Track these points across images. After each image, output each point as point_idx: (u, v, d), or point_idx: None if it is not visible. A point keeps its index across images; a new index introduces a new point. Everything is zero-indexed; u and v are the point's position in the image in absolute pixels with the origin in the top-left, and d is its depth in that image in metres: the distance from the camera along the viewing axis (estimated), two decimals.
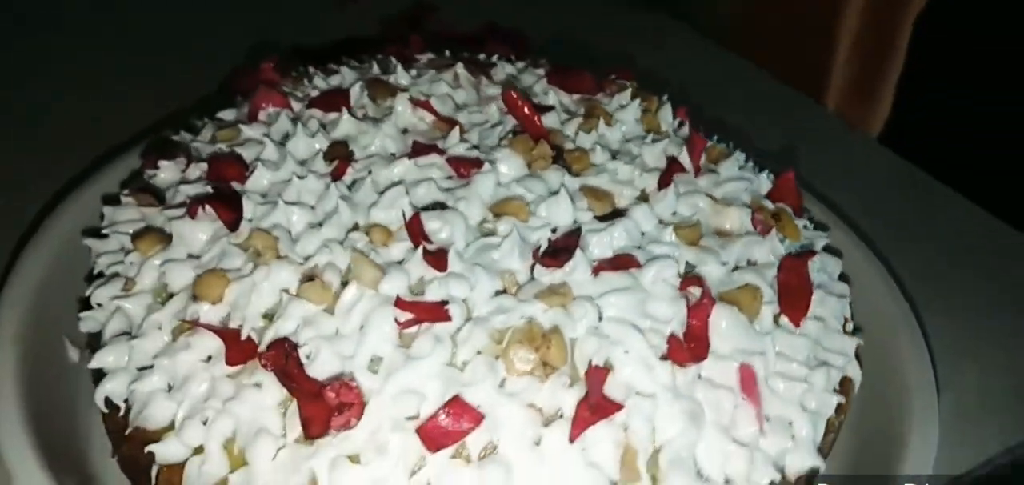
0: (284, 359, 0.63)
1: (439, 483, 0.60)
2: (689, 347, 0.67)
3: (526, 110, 0.86)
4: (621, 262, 0.72)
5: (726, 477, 0.65)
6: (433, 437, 0.60)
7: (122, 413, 0.69)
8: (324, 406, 0.62)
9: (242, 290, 0.68)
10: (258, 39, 1.43)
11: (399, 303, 0.65)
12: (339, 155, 0.80)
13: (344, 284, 0.68)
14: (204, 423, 0.64)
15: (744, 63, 1.61)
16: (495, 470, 0.60)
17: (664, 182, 0.80)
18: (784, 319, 0.74)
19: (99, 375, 0.70)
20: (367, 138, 0.83)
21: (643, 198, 0.80)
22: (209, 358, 0.67)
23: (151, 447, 0.64)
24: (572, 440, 0.61)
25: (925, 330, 0.86)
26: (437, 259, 0.69)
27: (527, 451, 0.61)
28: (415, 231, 0.71)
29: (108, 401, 0.69)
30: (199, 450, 0.64)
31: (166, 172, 0.83)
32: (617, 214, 0.77)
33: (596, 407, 0.63)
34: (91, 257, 0.80)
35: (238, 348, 0.65)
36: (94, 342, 0.75)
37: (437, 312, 0.66)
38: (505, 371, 0.64)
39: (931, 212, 1.26)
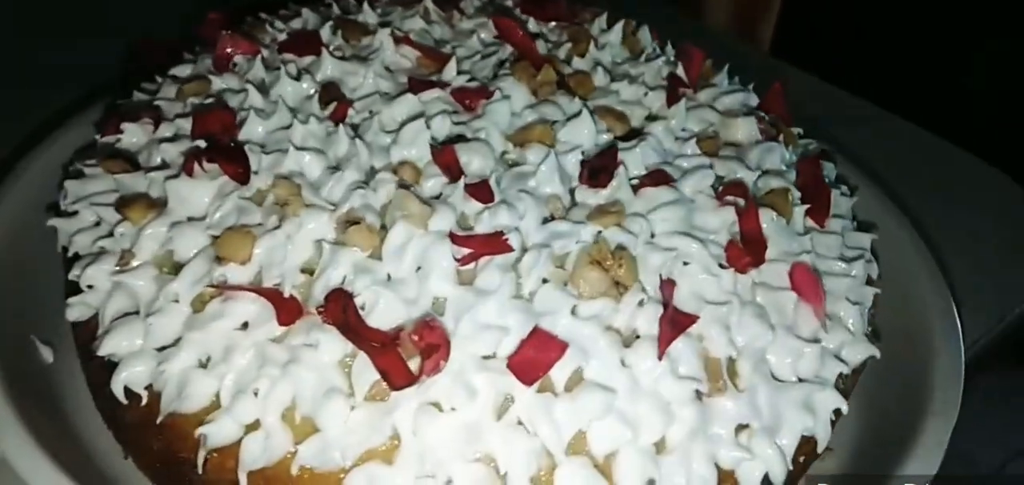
0: (343, 312, 0.57)
1: (535, 418, 0.56)
2: (748, 252, 0.66)
3: (521, 35, 0.82)
4: (659, 177, 0.70)
5: (798, 376, 0.64)
6: (526, 370, 0.56)
7: (144, 401, 0.60)
8: (396, 355, 0.56)
9: (274, 245, 0.61)
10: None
11: (456, 239, 0.61)
12: (334, 97, 0.74)
13: (382, 227, 0.63)
14: (255, 395, 0.57)
15: None
16: (594, 397, 0.57)
17: (672, 99, 0.79)
18: (808, 220, 0.74)
19: (106, 365, 0.62)
20: (355, 79, 0.77)
21: (652, 117, 0.78)
22: (245, 324, 0.60)
23: (202, 429, 0.57)
24: (661, 357, 0.59)
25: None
26: (480, 190, 0.65)
27: (618, 373, 0.58)
28: (451, 164, 0.66)
29: (127, 392, 0.60)
30: (253, 426, 0.57)
31: (132, 134, 0.74)
32: (634, 134, 0.75)
33: (675, 321, 0.61)
34: (61, 239, 0.70)
35: (286, 308, 0.59)
36: (84, 332, 0.65)
37: (498, 244, 0.61)
38: (578, 296, 0.60)
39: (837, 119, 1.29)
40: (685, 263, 0.64)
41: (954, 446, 0.67)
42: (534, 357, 0.57)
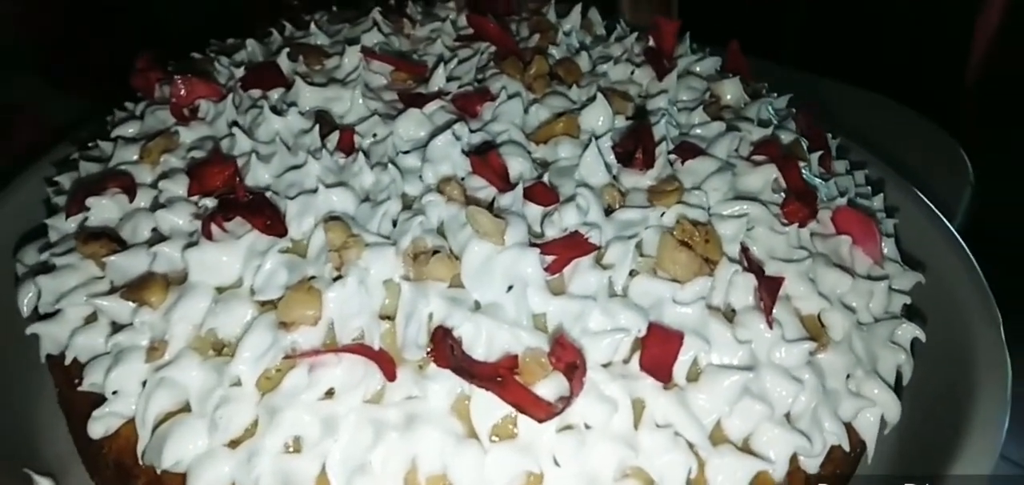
0: (451, 352, 0.51)
1: (673, 417, 0.53)
2: (804, 204, 0.65)
3: (499, 31, 0.77)
4: (692, 149, 0.68)
5: (874, 316, 0.64)
6: (659, 368, 0.53)
7: None
8: (520, 387, 0.51)
9: (346, 296, 0.53)
10: None
11: (544, 248, 0.56)
12: (332, 127, 0.67)
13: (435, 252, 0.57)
14: (369, 467, 0.50)
15: None
16: (728, 380, 0.54)
17: (662, 72, 0.77)
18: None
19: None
20: (341, 104, 0.70)
21: (646, 93, 0.77)
22: (330, 392, 0.52)
23: None
24: (770, 326, 0.57)
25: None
26: (541, 192, 0.60)
27: (738, 352, 0.56)
28: (500, 171, 0.61)
29: None
30: None
31: (103, 210, 0.63)
32: (640, 112, 0.73)
33: (769, 288, 0.59)
34: (48, 347, 0.59)
35: (385, 361, 0.52)
36: (107, 449, 0.55)
37: (582, 245, 0.57)
38: (671, 280, 0.57)
39: None
40: (750, 228, 0.63)
41: None
42: (660, 353, 0.54)
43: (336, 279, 0.54)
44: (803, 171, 0.69)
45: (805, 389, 0.56)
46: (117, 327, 0.56)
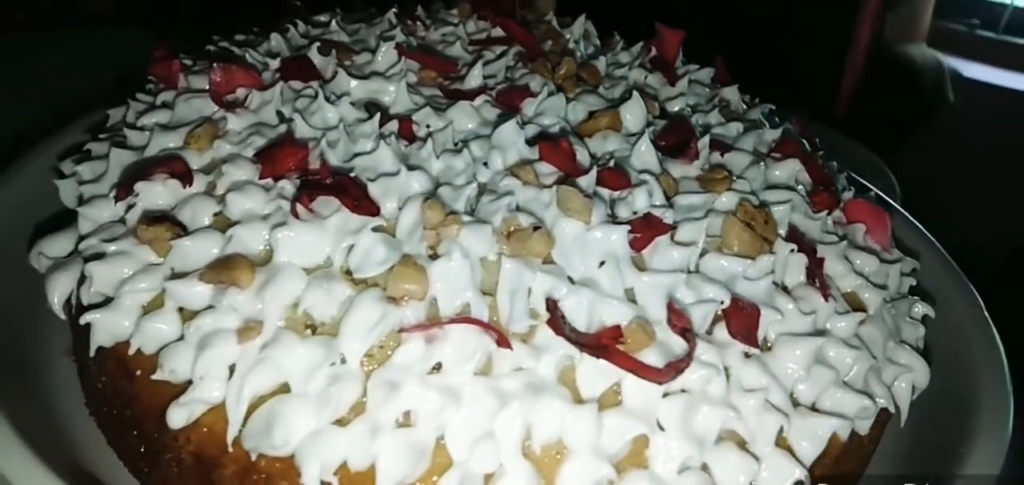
0: (562, 322, 0.53)
1: (760, 382, 0.56)
2: (830, 193, 0.70)
3: (525, 34, 0.79)
4: (724, 145, 0.72)
5: (891, 295, 0.70)
6: (747, 336, 0.56)
7: None
8: (627, 355, 0.53)
9: (451, 272, 0.54)
10: None
11: (634, 225, 0.58)
12: (388, 116, 0.67)
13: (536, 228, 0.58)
14: (490, 438, 0.50)
15: None
16: (804, 347, 0.58)
17: (673, 78, 0.81)
18: None
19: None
20: (385, 97, 0.70)
21: (663, 97, 0.80)
22: (437, 366, 0.52)
23: None
24: (826, 299, 0.61)
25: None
26: (613, 176, 0.62)
27: (803, 322, 0.60)
28: (570, 158, 0.63)
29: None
30: (493, 475, 0.50)
31: (153, 195, 0.60)
32: (665, 114, 0.77)
33: (818, 266, 0.63)
34: (101, 339, 0.56)
35: (499, 333, 0.52)
36: (183, 442, 0.53)
37: (658, 225, 0.60)
38: (735, 256, 0.61)
39: None
40: (792, 211, 0.67)
41: None
42: (744, 322, 0.57)
43: (432, 257, 0.55)
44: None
45: (860, 356, 0.61)
46: (188, 312, 0.54)
